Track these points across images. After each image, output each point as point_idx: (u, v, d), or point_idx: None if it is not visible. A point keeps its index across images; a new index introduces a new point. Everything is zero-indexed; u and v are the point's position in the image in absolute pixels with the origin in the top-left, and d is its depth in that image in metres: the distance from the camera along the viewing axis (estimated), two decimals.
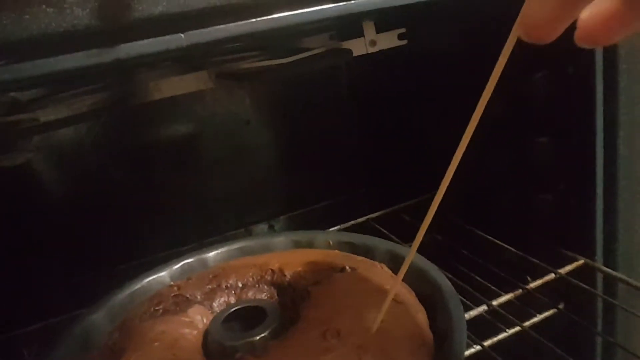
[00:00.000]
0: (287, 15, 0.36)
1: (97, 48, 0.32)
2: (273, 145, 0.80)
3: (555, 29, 0.19)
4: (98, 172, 0.70)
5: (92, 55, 0.32)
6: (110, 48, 0.32)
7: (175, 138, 0.74)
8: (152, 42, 0.33)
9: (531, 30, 0.19)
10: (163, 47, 0.33)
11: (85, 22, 0.31)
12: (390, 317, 0.33)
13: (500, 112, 0.55)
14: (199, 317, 0.38)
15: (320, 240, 0.46)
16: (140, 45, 0.33)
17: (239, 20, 0.35)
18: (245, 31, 0.35)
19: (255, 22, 0.35)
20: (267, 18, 0.36)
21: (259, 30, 0.36)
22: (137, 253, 0.69)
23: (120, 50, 0.32)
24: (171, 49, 0.34)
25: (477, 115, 0.25)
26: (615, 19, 0.17)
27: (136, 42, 0.33)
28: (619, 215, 0.49)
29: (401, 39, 0.55)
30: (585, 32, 0.18)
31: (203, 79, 0.49)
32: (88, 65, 0.32)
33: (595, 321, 0.51)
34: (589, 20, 0.18)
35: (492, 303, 0.47)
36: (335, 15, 0.37)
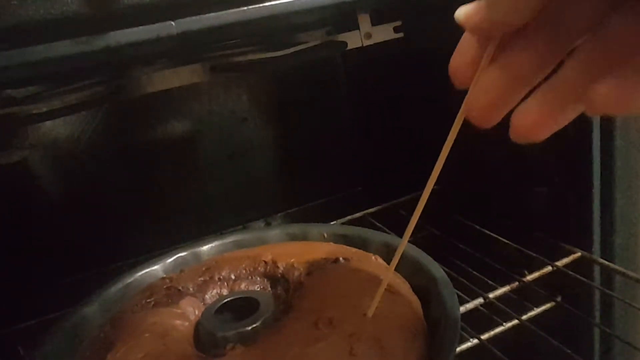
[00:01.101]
0: (280, 3, 0.36)
1: (86, 36, 0.32)
2: (270, 143, 0.80)
3: (494, 117, 0.21)
4: (94, 170, 0.69)
5: (81, 43, 0.32)
6: (100, 35, 0.32)
7: (171, 136, 0.73)
8: (142, 30, 0.33)
9: (473, 115, 0.22)
10: (154, 34, 0.33)
11: (74, 9, 0.30)
12: (384, 306, 0.33)
13: None
14: (191, 308, 0.37)
15: (314, 232, 0.46)
16: (130, 32, 0.33)
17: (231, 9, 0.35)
18: (237, 19, 0.35)
19: (247, 10, 0.35)
20: (259, 6, 0.35)
21: (251, 19, 0.36)
22: (133, 251, 0.69)
23: (110, 37, 0.32)
24: (162, 36, 0.34)
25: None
26: (541, 123, 0.20)
27: (126, 30, 0.33)
28: (616, 207, 0.49)
29: (397, 32, 0.55)
30: (515, 131, 0.20)
31: (197, 71, 0.48)
32: (77, 53, 0.31)
33: (593, 313, 0.50)
34: (517, 122, 0.20)
35: (488, 296, 0.47)
36: (329, 4, 0.37)
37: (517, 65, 0.20)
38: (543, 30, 0.20)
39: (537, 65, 0.20)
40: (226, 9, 0.34)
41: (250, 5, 0.35)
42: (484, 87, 0.21)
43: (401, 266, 0.40)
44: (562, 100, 0.19)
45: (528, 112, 0.20)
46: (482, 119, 0.22)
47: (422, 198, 0.27)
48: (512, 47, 0.20)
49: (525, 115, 0.20)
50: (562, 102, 0.19)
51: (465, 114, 0.22)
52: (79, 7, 0.31)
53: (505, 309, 0.46)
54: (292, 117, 0.79)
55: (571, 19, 0.19)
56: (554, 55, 0.20)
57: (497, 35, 0.20)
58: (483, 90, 0.21)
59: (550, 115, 0.20)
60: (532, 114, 0.20)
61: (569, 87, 0.19)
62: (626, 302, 0.46)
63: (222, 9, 0.34)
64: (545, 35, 0.20)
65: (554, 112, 0.20)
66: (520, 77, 0.20)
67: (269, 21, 0.36)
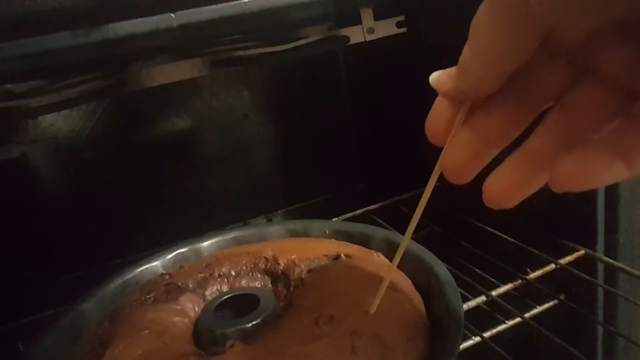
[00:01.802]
0: None
1: (84, 28, 0.31)
2: (271, 139, 0.79)
3: (466, 175, 0.23)
4: (94, 166, 0.69)
5: (79, 35, 0.31)
6: (99, 27, 0.31)
7: (172, 132, 0.73)
8: (141, 22, 0.33)
9: (447, 173, 0.23)
10: (153, 26, 0.33)
11: (72, 1, 0.30)
12: (386, 304, 0.32)
13: None
14: (191, 305, 0.37)
15: (315, 228, 0.45)
16: (129, 24, 0.32)
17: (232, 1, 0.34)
18: (237, 12, 0.35)
19: (248, 3, 0.35)
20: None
21: (252, 11, 0.35)
22: (133, 248, 0.69)
23: (108, 30, 0.32)
24: (161, 29, 0.33)
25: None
26: (510, 191, 0.21)
27: (125, 22, 0.32)
28: (620, 204, 0.48)
29: (400, 27, 0.54)
30: (487, 198, 0.21)
31: (198, 66, 0.48)
32: (75, 45, 0.31)
33: (596, 311, 0.50)
34: (488, 189, 0.21)
35: (491, 293, 0.47)
36: None
37: (487, 128, 0.21)
38: (511, 96, 0.20)
39: (506, 128, 0.21)
40: (227, 2, 0.34)
41: None
42: (456, 147, 0.22)
43: (404, 263, 0.39)
44: (530, 170, 0.21)
45: (498, 180, 0.21)
46: (455, 176, 0.23)
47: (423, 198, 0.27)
48: (483, 110, 0.21)
49: (495, 184, 0.21)
50: (530, 171, 0.21)
51: (441, 170, 0.23)
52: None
53: (508, 307, 0.46)
54: (293, 113, 0.78)
55: (539, 86, 0.20)
56: (523, 118, 0.21)
57: (468, 101, 0.21)
58: (456, 150, 0.22)
59: (519, 183, 0.21)
60: (502, 182, 0.21)
61: (536, 157, 0.20)
62: (630, 300, 0.46)
63: (223, 1, 0.34)
64: (513, 100, 0.21)
65: (523, 181, 0.21)
66: (490, 139, 0.21)
67: (270, 14, 0.35)
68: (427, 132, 0.23)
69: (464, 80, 0.21)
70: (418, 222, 0.28)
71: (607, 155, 0.18)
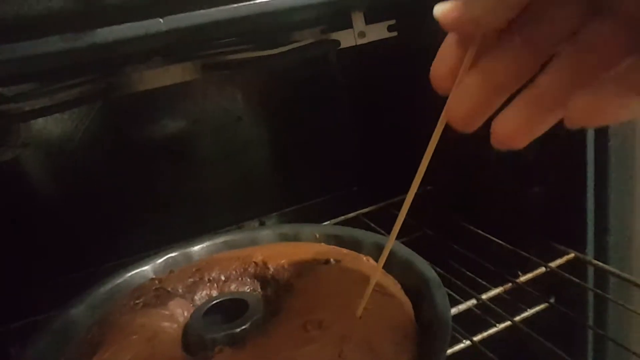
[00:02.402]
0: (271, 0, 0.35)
1: (72, 32, 0.31)
2: (265, 142, 0.79)
3: (474, 122, 0.22)
4: (87, 168, 0.69)
5: (67, 40, 0.31)
6: (87, 32, 0.31)
7: (165, 135, 0.73)
8: (130, 27, 0.32)
9: (454, 121, 0.22)
10: (142, 31, 0.33)
11: (60, 5, 0.30)
12: (374, 308, 0.33)
13: None
14: (180, 310, 0.37)
15: (306, 233, 0.46)
16: (118, 29, 0.32)
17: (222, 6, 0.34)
18: (227, 16, 0.35)
19: (238, 8, 0.35)
20: (250, 3, 0.35)
21: (242, 16, 0.35)
22: (127, 251, 0.68)
23: (97, 34, 0.32)
24: (150, 33, 0.33)
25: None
26: (520, 130, 0.20)
27: (114, 27, 0.32)
28: (610, 207, 0.48)
29: (391, 31, 0.54)
30: (495, 138, 0.20)
31: (189, 70, 0.48)
32: (63, 50, 0.31)
33: (586, 315, 0.50)
34: (497, 129, 0.20)
35: (481, 297, 0.47)
36: (322, 2, 0.36)
37: (497, 71, 0.20)
38: (522, 35, 0.20)
39: (517, 71, 0.20)
40: (217, 6, 0.34)
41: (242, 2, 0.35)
42: (464, 92, 0.21)
43: (393, 267, 0.39)
44: (541, 108, 0.20)
45: (508, 119, 0.20)
46: (463, 124, 0.22)
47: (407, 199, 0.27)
48: (492, 52, 0.20)
49: (505, 123, 0.20)
50: (541, 110, 0.20)
51: (447, 119, 0.22)
52: (65, 3, 0.30)
53: (498, 310, 0.46)
54: (287, 116, 0.78)
55: (551, 23, 0.19)
56: (533, 60, 0.20)
57: (476, 36, 0.20)
58: (463, 96, 0.21)
59: (529, 122, 0.20)
60: (512, 121, 0.20)
61: (548, 95, 0.19)
62: (619, 303, 0.46)
63: (213, 5, 0.34)
64: (525, 40, 0.20)
65: (533, 120, 0.20)
66: (500, 82, 0.20)
67: (260, 19, 0.35)
68: (432, 79, 0.22)
69: (472, 8, 0.19)
70: (410, 225, 0.28)
71: (623, 91, 0.17)
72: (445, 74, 0.22)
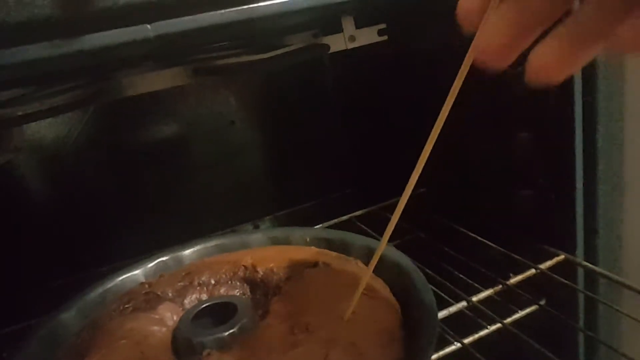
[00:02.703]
0: (258, 6, 0.36)
1: (59, 39, 0.31)
2: (258, 146, 0.79)
3: (507, 57, 0.20)
4: (80, 173, 0.69)
5: (54, 46, 0.31)
6: (74, 39, 0.32)
7: (158, 138, 0.73)
8: (117, 33, 0.33)
9: (485, 56, 0.20)
10: (129, 38, 0.33)
11: (47, 12, 0.30)
12: (361, 311, 0.33)
13: (480, 107, 0.55)
14: (169, 314, 0.37)
15: (296, 236, 0.46)
16: (105, 36, 0.32)
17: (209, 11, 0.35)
18: (215, 22, 0.35)
19: (225, 14, 0.35)
20: (238, 9, 0.35)
21: (229, 22, 0.35)
22: (120, 255, 0.68)
23: (84, 41, 0.32)
24: (138, 40, 0.33)
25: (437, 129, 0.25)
26: (561, 62, 0.18)
27: (101, 33, 0.32)
28: (599, 209, 0.49)
29: (381, 35, 0.55)
30: (533, 72, 0.19)
31: (180, 74, 0.48)
32: (50, 57, 0.31)
33: (577, 317, 0.50)
34: (536, 62, 0.18)
35: (471, 299, 0.47)
36: (311, 7, 0.37)
37: (531, 1, 0.19)
38: None
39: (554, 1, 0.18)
40: (205, 12, 0.34)
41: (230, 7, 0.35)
42: (496, 25, 0.19)
43: (382, 269, 0.39)
44: (585, 38, 0.18)
45: (548, 51, 0.18)
46: (495, 58, 0.20)
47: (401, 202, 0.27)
48: None
49: (544, 55, 0.18)
50: (584, 40, 0.18)
51: (475, 56, 0.20)
52: (51, 10, 0.30)
53: (488, 312, 0.46)
54: (280, 119, 0.79)
55: None
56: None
57: None
58: (496, 28, 0.19)
59: (566, 56, 0.18)
60: (552, 53, 0.18)
61: (592, 23, 0.18)
62: (609, 305, 0.46)
63: (201, 11, 0.34)
64: None
65: (576, 51, 0.18)
66: (538, 12, 0.19)
67: (249, 25, 0.36)
68: (459, 14, 0.20)
69: None
70: (402, 228, 0.28)
71: None
72: (475, 7, 0.20)
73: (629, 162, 0.48)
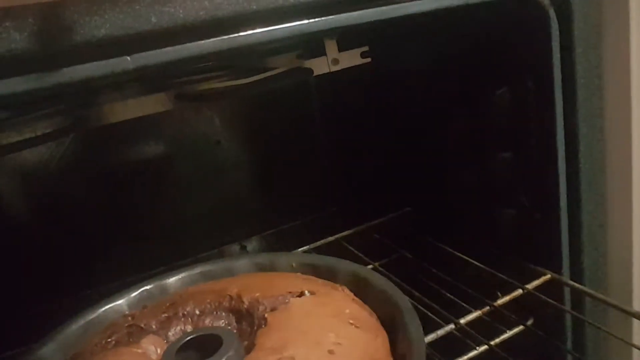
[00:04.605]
0: (239, 36, 0.35)
1: (36, 72, 0.31)
2: (244, 166, 0.79)
3: None
4: (63, 196, 0.68)
5: (31, 80, 0.31)
6: (51, 72, 0.31)
7: (143, 160, 0.72)
8: (96, 66, 0.32)
9: None
10: (108, 70, 0.33)
11: (23, 46, 0.30)
12: (348, 342, 0.32)
13: (463, 129, 0.56)
14: (153, 347, 0.36)
15: (282, 262, 0.45)
16: (84, 68, 0.32)
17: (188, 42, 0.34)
18: (195, 53, 0.35)
19: (205, 44, 0.35)
20: (217, 39, 0.35)
21: (209, 52, 0.35)
22: (106, 278, 0.67)
23: (62, 74, 0.32)
24: (117, 72, 0.33)
25: None
26: None
27: (80, 66, 0.32)
28: (583, 227, 0.49)
29: (364, 57, 0.55)
30: None
31: (162, 100, 0.48)
32: (27, 90, 0.31)
33: (564, 337, 0.50)
34: None
35: (459, 322, 0.47)
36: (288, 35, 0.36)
37: None
38: None
39: None
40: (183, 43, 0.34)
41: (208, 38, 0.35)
42: None
43: (369, 297, 0.39)
44: None
45: None
46: None
47: None
48: None
49: None
50: None
51: None
52: (28, 44, 0.30)
53: (476, 335, 0.46)
54: (265, 139, 0.78)
55: None
56: None
57: None
58: None
59: None
60: None
61: None
62: (596, 326, 0.47)
63: (179, 43, 0.33)
64: None
65: None
66: None
67: (228, 53, 0.35)
68: None
69: None
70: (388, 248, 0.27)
71: None
72: None
73: (611, 182, 0.49)
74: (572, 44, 0.45)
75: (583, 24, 0.45)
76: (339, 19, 0.37)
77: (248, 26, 0.36)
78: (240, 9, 0.34)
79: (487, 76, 0.51)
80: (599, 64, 0.46)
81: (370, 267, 0.57)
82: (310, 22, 0.35)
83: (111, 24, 0.31)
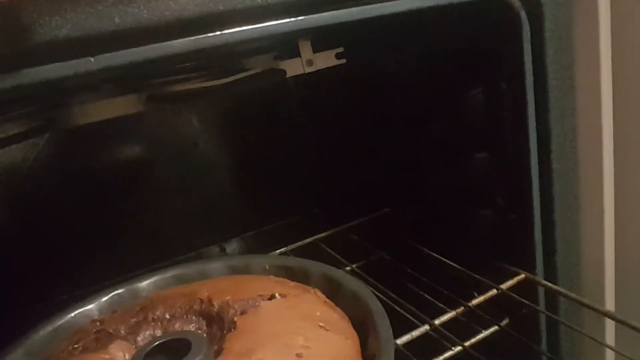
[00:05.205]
0: (205, 37, 0.35)
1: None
2: (222, 167, 0.79)
3: None
4: (38, 198, 0.67)
5: None
6: (11, 73, 0.30)
7: (120, 162, 0.72)
8: (58, 67, 0.32)
9: None
10: (71, 71, 0.32)
11: None
12: (317, 345, 0.32)
13: (440, 130, 0.56)
14: (121, 353, 0.35)
15: (256, 265, 0.45)
16: (45, 70, 0.31)
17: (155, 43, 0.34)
18: (162, 54, 0.34)
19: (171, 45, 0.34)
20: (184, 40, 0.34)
21: (177, 53, 0.35)
22: (82, 282, 0.66)
23: (23, 75, 0.31)
24: (80, 73, 0.32)
25: None
26: None
27: (41, 67, 0.31)
28: (557, 227, 0.49)
29: (339, 59, 0.55)
30: None
31: (133, 102, 0.47)
32: None
33: (539, 337, 0.50)
34: None
35: (434, 322, 0.47)
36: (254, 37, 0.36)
37: None
38: None
39: None
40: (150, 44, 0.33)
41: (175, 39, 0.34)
42: None
43: (340, 299, 0.39)
44: None
45: None
46: None
47: None
48: None
49: None
50: None
51: None
52: None
53: (450, 336, 0.46)
54: (244, 140, 0.78)
55: None
56: None
57: None
58: None
59: None
60: None
61: None
62: (569, 326, 0.47)
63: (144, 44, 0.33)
64: None
65: None
66: None
67: (195, 55, 0.35)
68: None
69: None
70: (366, 249, 0.27)
71: None
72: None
73: (583, 181, 0.49)
74: (543, 46, 0.45)
75: (554, 25, 0.45)
76: (309, 20, 0.37)
77: (216, 27, 0.35)
78: (206, 9, 0.34)
79: (462, 77, 0.51)
80: (570, 65, 0.47)
81: (348, 269, 0.57)
82: (278, 23, 0.35)
83: (73, 24, 0.31)
